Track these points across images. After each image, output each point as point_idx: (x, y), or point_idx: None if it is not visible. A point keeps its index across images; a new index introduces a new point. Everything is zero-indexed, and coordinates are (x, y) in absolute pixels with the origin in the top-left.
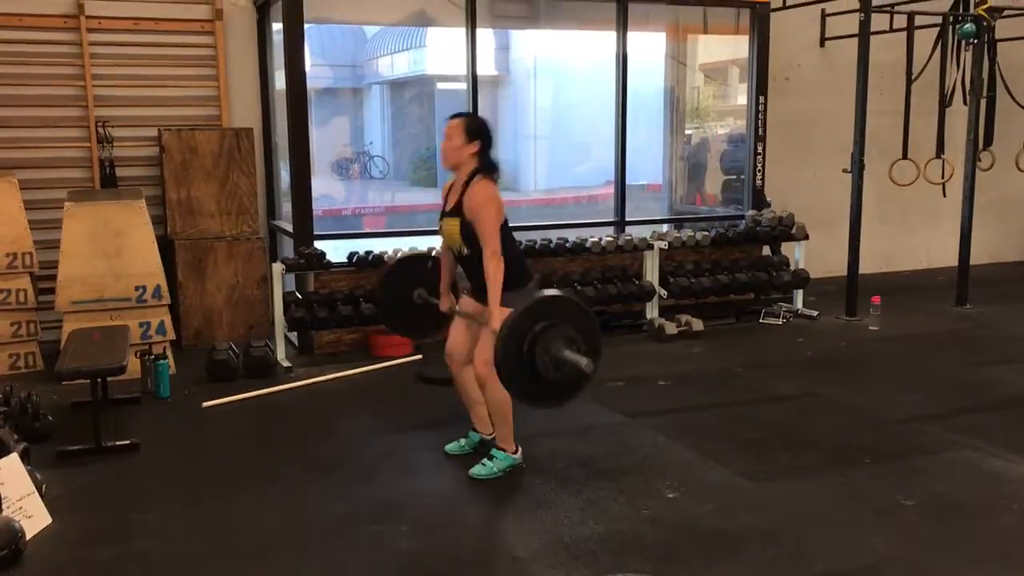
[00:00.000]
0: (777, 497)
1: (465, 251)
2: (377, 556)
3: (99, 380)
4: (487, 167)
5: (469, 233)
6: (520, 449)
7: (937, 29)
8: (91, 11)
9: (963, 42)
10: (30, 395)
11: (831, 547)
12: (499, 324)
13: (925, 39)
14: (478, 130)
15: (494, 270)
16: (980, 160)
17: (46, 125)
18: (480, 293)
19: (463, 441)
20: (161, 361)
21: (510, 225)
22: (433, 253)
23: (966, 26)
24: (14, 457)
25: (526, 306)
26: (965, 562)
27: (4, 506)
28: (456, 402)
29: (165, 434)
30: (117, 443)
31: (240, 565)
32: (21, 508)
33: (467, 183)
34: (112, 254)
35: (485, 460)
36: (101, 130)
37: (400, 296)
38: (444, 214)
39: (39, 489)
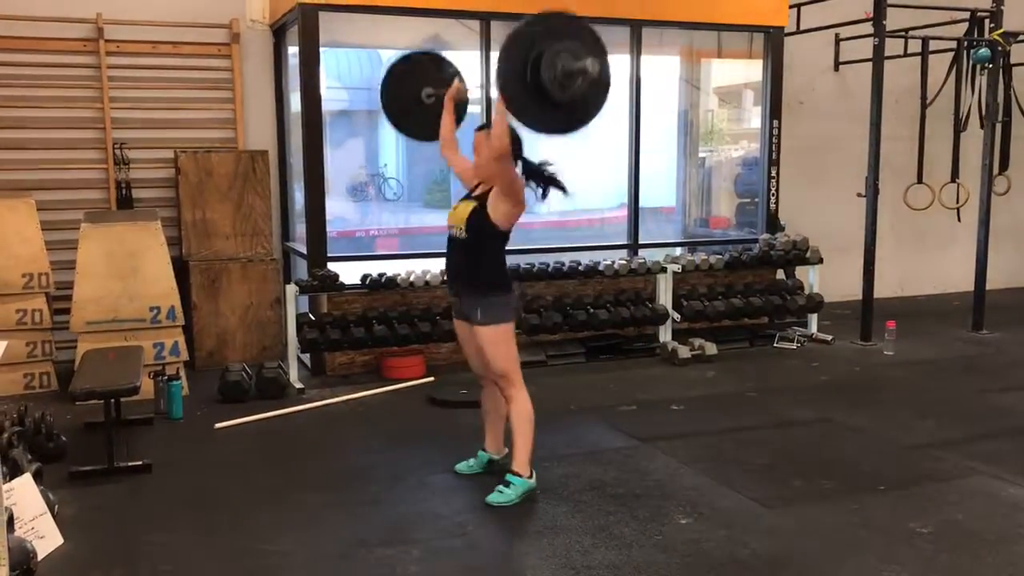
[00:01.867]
0: (790, 523)
1: (463, 235)
2: None
3: (112, 400)
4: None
5: (476, 221)
6: (535, 474)
7: (952, 54)
8: (110, 35)
9: (978, 67)
10: (44, 415)
11: (844, 574)
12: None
13: (940, 63)
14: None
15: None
16: (995, 185)
17: (64, 147)
18: (458, 284)
19: (472, 461)
20: (174, 382)
21: (520, 249)
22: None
23: (981, 51)
24: (27, 477)
25: (516, 30)
26: None
27: (16, 526)
28: (467, 424)
29: (177, 455)
30: (130, 464)
31: None
32: (33, 528)
33: None
34: (127, 275)
35: (501, 487)
36: (118, 152)
37: (408, 93)
38: (465, 196)
39: (51, 509)
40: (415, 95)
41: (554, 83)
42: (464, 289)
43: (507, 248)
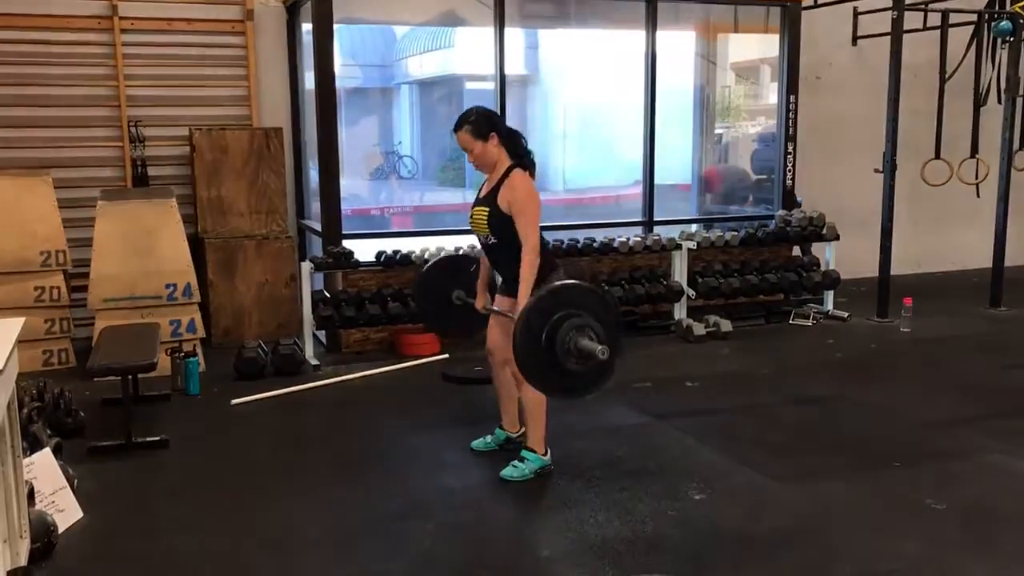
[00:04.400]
0: (805, 499)
1: (492, 240)
2: (403, 554)
3: (130, 377)
4: (519, 156)
5: (498, 223)
6: (550, 451)
7: (972, 27)
8: (124, 12)
9: (998, 40)
10: (63, 391)
11: (859, 550)
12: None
13: (959, 37)
14: (482, 125)
15: (530, 264)
16: (1015, 160)
17: (79, 125)
18: (508, 285)
19: (489, 438)
20: (191, 359)
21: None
22: (474, 252)
23: (1002, 24)
24: (47, 452)
25: (540, 295)
26: (995, 567)
27: (37, 499)
28: (482, 401)
29: (194, 431)
30: (147, 439)
31: (266, 561)
32: (53, 502)
33: (504, 176)
34: (144, 252)
35: (516, 462)
36: (133, 130)
37: (439, 295)
38: (476, 202)
39: (71, 484)
40: (447, 297)
41: (567, 356)
42: (514, 285)
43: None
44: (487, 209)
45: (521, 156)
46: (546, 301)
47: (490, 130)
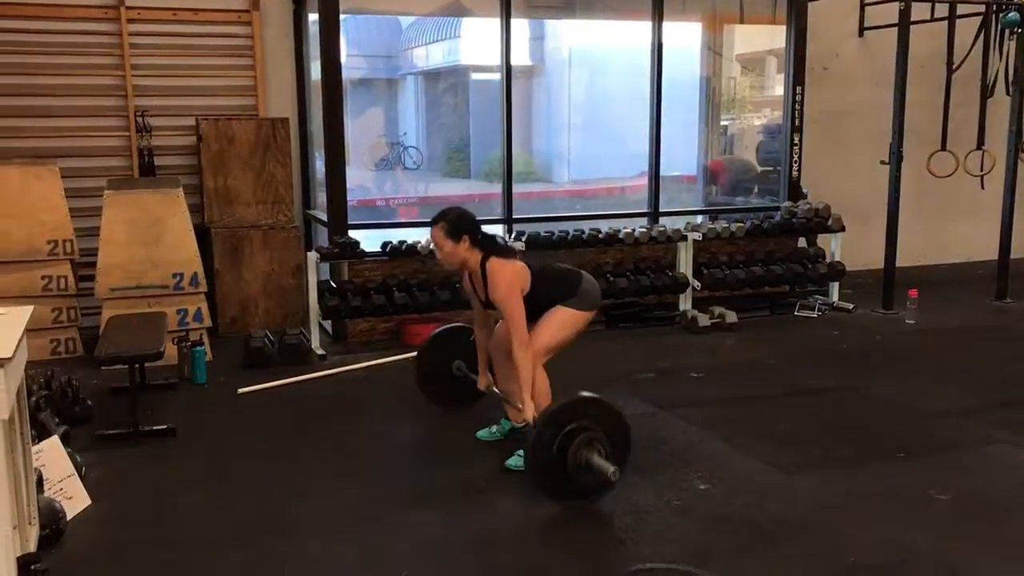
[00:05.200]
0: (810, 490)
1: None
2: (408, 543)
3: (137, 366)
4: (488, 248)
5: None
6: None
7: (979, 18)
8: (131, 2)
9: (1006, 31)
10: (70, 380)
11: (863, 541)
12: (531, 415)
13: (967, 28)
14: (458, 226)
15: (523, 361)
16: (1022, 152)
17: (86, 114)
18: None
19: (494, 428)
20: (198, 348)
21: (540, 217)
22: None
23: (1010, 15)
24: (55, 440)
25: (555, 409)
26: (1000, 558)
27: (46, 487)
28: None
29: (201, 419)
30: (154, 428)
31: (272, 549)
32: (62, 489)
33: (483, 271)
34: (150, 242)
35: (521, 452)
36: (140, 119)
37: (440, 366)
38: (484, 305)
39: (79, 471)
40: (447, 368)
41: (577, 470)
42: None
43: (526, 216)
44: (494, 313)
45: (495, 249)
46: (557, 415)
47: (463, 233)
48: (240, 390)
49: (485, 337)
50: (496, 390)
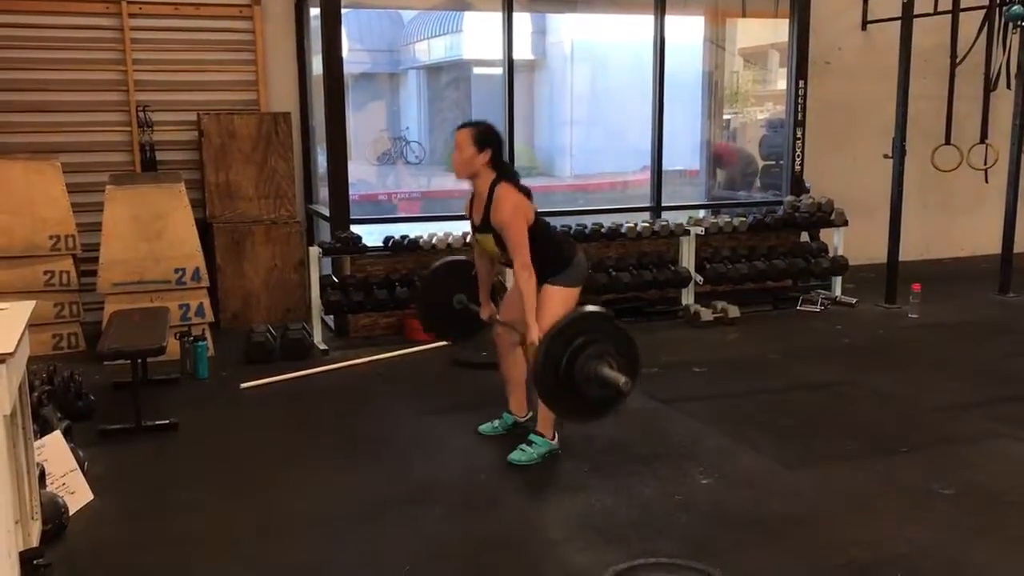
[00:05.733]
0: (812, 484)
1: (505, 259)
2: (410, 538)
3: (139, 360)
4: (504, 172)
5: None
6: (557, 435)
7: (983, 11)
8: None
9: (1010, 25)
10: (73, 375)
11: (865, 535)
12: (536, 336)
13: (970, 22)
14: (487, 137)
15: (525, 282)
16: None
17: (88, 109)
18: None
19: (496, 422)
20: (200, 343)
21: (543, 211)
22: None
23: (1014, 8)
24: (57, 435)
25: (562, 325)
26: (1002, 552)
27: (48, 482)
28: (490, 386)
29: (203, 414)
30: (157, 423)
31: (275, 544)
32: (64, 484)
33: (490, 193)
34: (152, 237)
35: (524, 446)
36: (141, 114)
37: (441, 300)
38: (476, 230)
39: (81, 466)
40: (448, 302)
41: (588, 384)
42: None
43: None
44: (490, 235)
45: (509, 174)
46: (565, 329)
47: (487, 145)
48: (242, 385)
49: (486, 267)
50: (498, 319)
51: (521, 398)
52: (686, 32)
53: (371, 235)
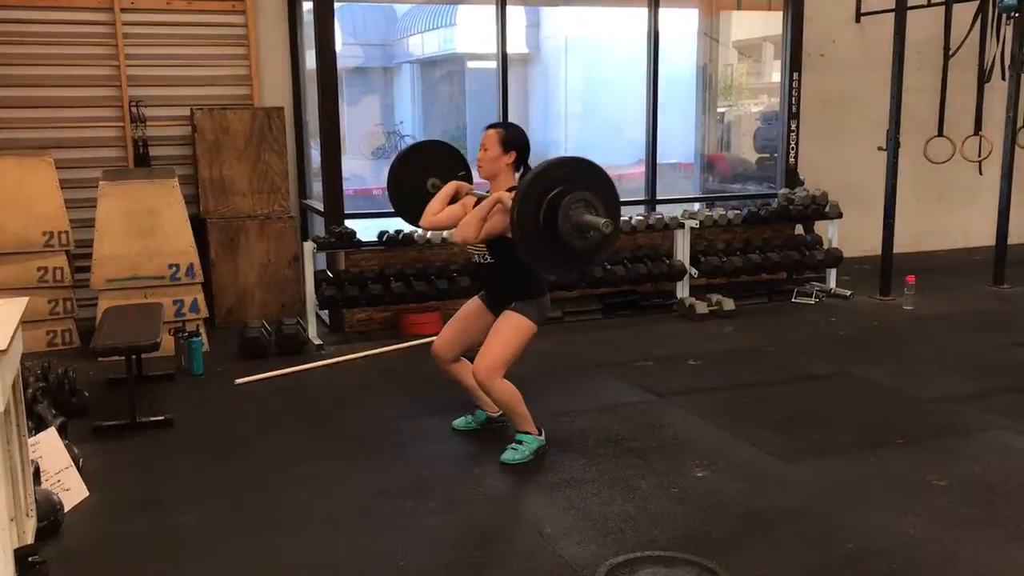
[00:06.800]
0: (807, 477)
1: (487, 259)
2: (406, 532)
3: (134, 357)
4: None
5: (497, 245)
6: (543, 432)
7: (976, 3)
8: None
9: (1003, 16)
10: (67, 371)
11: (861, 527)
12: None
13: (964, 13)
14: (514, 140)
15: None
16: (1019, 137)
17: (80, 105)
18: (494, 302)
19: (470, 418)
20: (194, 338)
21: None
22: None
23: None
24: (52, 431)
25: (537, 172)
26: (997, 543)
27: (43, 479)
28: None
29: (198, 410)
30: (151, 419)
31: (270, 539)
32: (59, 481)
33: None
34: (146, 233)
35: (514, 445)
36: (134, 110)
37: (414, 184)
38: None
39: (76, 463)
40: (421, 184)
41: (569, 233)
42: (502, 302)
43: None
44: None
45: None
46: (540, 179)
47: (513, 148)
48: (237, 381)
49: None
50: (476, 192)
51: (486, 398)
52: (680, 25)
53: (366, 230)
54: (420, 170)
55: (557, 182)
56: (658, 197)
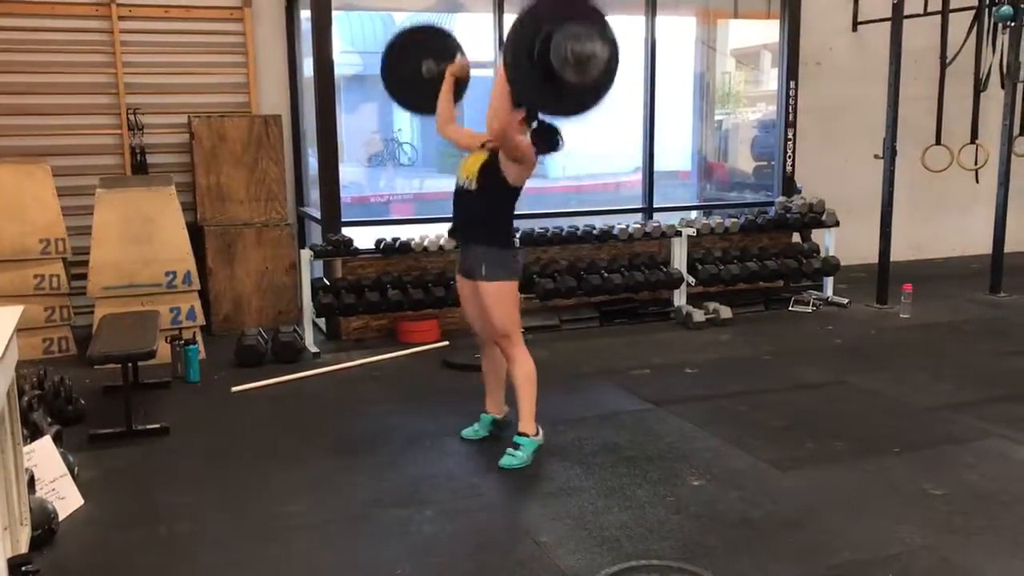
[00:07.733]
0: (804, 485)
1: (473, 187)
2: (402, 540)
3: (130, 364)
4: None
5: (488, 176)
6: (540, 430)
7: (973, 12)
8: None
9: (999, 25)
10: (63, 379)
11: (857, 536)
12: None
13: (960, 22)
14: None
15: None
16: (1015, 146)
17: (78, 112)
18: (464, 236)
19: (476, 426)
20: (191, 346)
21: (535, 213)
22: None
23: (1003, 9)
24: (47, 440)
25: (519, 18)
26: (993, 552)
27: (38, 487)
28: (482, 388)
29: (194, 418)
30: (148, 427)
31: (267, 547)
32: (54, 489)
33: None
34: (143, 240)
35: (511, 450)
36: (132, 117)
37: (409, 70)
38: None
39: (71, 471)
40: (415, 69)
41: (565, 66)
42: (469, 242)
43: (520, 212)
44: (485, 155)
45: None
46: (527, 20)
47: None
48: (234, 388)
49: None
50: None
51: (498, 396)
52: (678, 33)
53: (363, 237)
54: (414, 55)
55: (541, 22)
56: (655, 205)
